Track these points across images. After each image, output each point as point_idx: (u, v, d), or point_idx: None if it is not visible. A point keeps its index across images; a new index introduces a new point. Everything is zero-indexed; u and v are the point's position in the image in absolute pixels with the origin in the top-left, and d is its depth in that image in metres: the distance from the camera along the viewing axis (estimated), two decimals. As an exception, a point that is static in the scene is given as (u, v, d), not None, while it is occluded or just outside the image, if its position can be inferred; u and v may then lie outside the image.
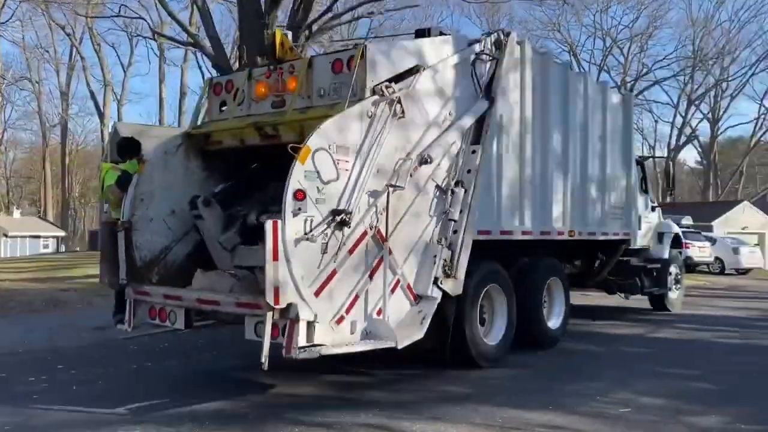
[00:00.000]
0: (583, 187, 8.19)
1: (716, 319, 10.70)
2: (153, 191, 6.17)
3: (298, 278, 4.64)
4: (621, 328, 9.44)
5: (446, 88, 6.11)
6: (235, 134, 6.26)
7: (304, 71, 5.84)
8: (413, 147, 5.65)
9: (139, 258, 6.03)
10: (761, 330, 9.68)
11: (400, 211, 5.47)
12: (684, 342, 8.52)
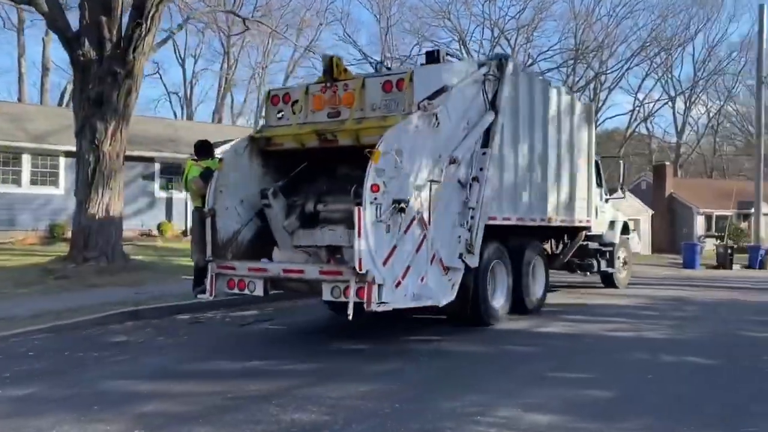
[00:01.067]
0: (558, 181, 9.79)
1: (603, 310, 10.06)
2: (228, 184, 7.37)
3: (373, 251, 5.95)
4: (504, 321, 8.57)
5: (465, 103, 7.57)
6: (296, 138, 7.50)
7: (359, 89, 7.23)
8: (445, 150, 7.05)
9: (219, 239, 7.22)
10: (650, 321, 9.09)
11: (435, 201, 6.76)
12: (573, 337, 7.69)
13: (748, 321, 9.32)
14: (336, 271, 6.40)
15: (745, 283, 15.96)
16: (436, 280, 6.77)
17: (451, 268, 7.00)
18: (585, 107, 11.10)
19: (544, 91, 9.38)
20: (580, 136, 10.61)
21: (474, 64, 8.19)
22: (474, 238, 7.24)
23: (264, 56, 52.73)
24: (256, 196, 7.57)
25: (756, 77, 23.87)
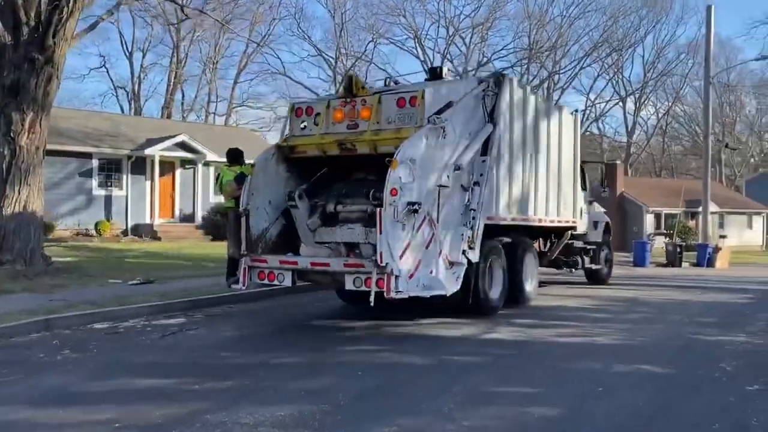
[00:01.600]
0: (547, 184, 10.58)
1: (554, 312, 9.62)
2: (258, 187, 8.14)
3: (391, 247, 6.76)
4: (451, 327, 8.01)
5: (467, 116, 8.38)
6: (319, 147, 8.30)
7: (376, 104, 7.98)
8: (451, 158, 7.84)
9: (251, 236, 7.96)
10: (602, 325, 8.68)
11: (443, 203, 7.52)
12: (520, 345, 7.21)
13: (699, 323, 9.01)
14: (359, 264, 7.23)
15: (695, 282, 15.89)
16: (443, 273, 7.55)
17: (456, 262, 7.76)
18: (571, 117, 12.03)
19: (536, 103, 10.31)
20: (567, 143, 11.49)
21: (474, 81, 9.12)
22: (475, 236, 8.01)
23: (215, 51, 51.33)
24: (282, 198, 8.43)
25: (704, 77, 24.13)
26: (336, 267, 7.49)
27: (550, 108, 11.04)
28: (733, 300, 12.02)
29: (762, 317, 9.68)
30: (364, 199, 7.95)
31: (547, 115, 10.64)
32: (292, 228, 8.40)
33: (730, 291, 13.72)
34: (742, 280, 17.33)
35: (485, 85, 8.85)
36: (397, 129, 7.84)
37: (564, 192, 11.26)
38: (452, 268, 7.68)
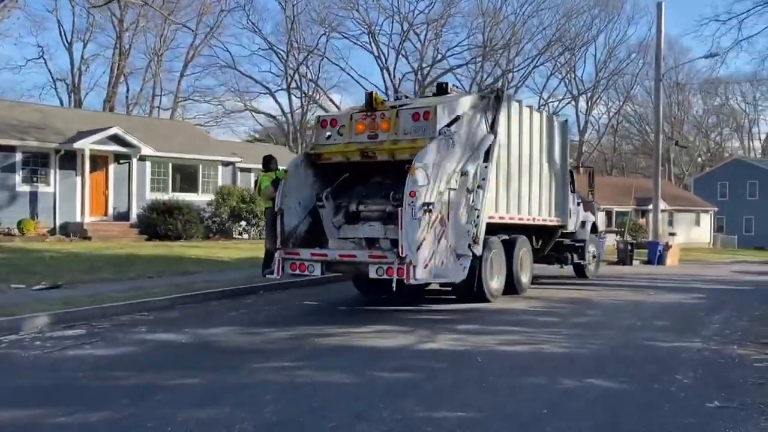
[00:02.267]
0: (540, 187, 11.77)
1: (499, 317, 8.91)
2: (290, 190, 9.27)
3: (410, 240, 7.92)
4: (387, 336, 7.22)
5: (472, 128, 9.47)
6: (343, 154, 9.46)
7: (393, 118, 9.19)
8: (458, 164, 8.92)
9: (285, 232, 9.11)
10: (549, 330, 8.01)
11: (452, 203, 8.68)
12: (459, 357, 6.42)
13: (653, 327, 8.44)
14: (382, 255, 8.36)
15: (647, 281, 15.54)
16: (452, 264, 8.71)
17: (462, 255, 8.88)
18: (560, 127, 13.17)
19: (530, 115, 11.48)
20: (557, 150, 12.78)
21: (477, 97, 10.14)
22: (478, 232, 9.13)
23: (160, 42, 49.35)
24: (310, 199, 9.47)
25: (654, 73, 24.02)
26: (362, 258, 8.65)
27: (543, 119, 12.19)
28: (685, 300, 11.59)
29: (716, 319, 9.18)
30: (382, 200, 9.18)
31: (540, 125, 11.88)
32: (319, 225, 9.53)
33: (682, 291, 13.34)
34: (692, 278, 17.09)
35: (487, 100, 10.09)
36: (412, 139, 9.04)
37: (555, 194, 12.54)
38: (459, 260, 8.87)
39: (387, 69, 54.08)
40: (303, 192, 9.45)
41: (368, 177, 9.72)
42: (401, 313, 9.10)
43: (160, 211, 21.80)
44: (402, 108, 9.44)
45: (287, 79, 54.23)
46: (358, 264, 8.72)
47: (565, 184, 13.12)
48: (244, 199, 23.57)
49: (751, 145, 70.77)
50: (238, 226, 24.43)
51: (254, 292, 10.92)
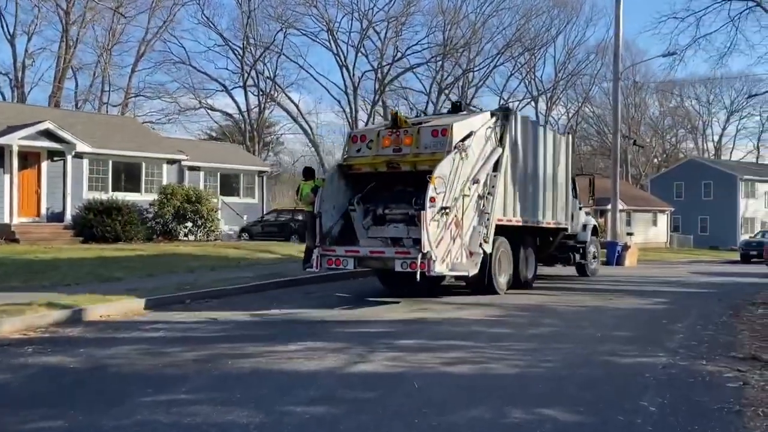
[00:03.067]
0: (545, 193, 13.02)
1: (447, 328, 8.08)
2: (327, 196, 10.68)
3: (431, 238, 9.19)
4: (315, 356, 6.23)
5: (483, 142, 10.84)
6: (371, 165, 10.92)
7: (415, 134, 10.61)
8: (471, 174, 10.31)
9: (323, 232, 10.43)
10: (500, 344, 7.16)
11: (465, 207, 10.05)
12: (394, 380, 5.46)
13: (614, 339, 7.69)
14: (406, 251, 9.70)
15: (606, 283, 14.96)
16: (465, 260, 9.90)
17: (474, 252, 10.06)
18: (564, 139, 14.59)
19: (535, 130, 12.89)
20: (561, 160, 14.10)
21: (488, 115, 11.44)
22: (489, 233, 10.43)
23: (109, 36, 47.33)
24: (343, 204, 10.83)
25: (613, 70, 23.64)
26: (389, 254, 10.00)
27: (546, 132, 13.60)
28: (647, 306, 10.94)
29: (680, 328, 8.50)
30: (406, 205, 10.55)
31: (544, 138, 13.25)
32: (350, 226, 10.86)
33: (643, 294, 12.74)
34: (652, 280, 16.61)
35: (496, 118, 11.41)
36: (432, 153, 10.34)
37: (558, 199, 13.87)
38: (472, 256, 10.06)
39: (346, 67, 53.10)
40: (337, 198, 10.90)
41: (393, 185, 11.16)
42: (340, 326, 8.15)
43: (97, 211, 20.38)
44: (423, 125, 10.90)
45: (243, 76, 52.74)
46: (386, 259, 10.17)
47: (568, 190, 14.63)
48: (189, 198, 22.28)
49: (705, 147, 72.17)
50: (183, 228, 23.10)
51: (181, 302, 9.84)
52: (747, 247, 30.42)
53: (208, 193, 24.48)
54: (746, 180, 49.53)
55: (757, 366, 6.30)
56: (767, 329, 8.55)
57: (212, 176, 28.21)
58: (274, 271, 13.62)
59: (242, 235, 25.62)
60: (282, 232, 24.18)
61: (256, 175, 29.74)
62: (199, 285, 11.07)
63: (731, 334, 8.15)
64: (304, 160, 65.74)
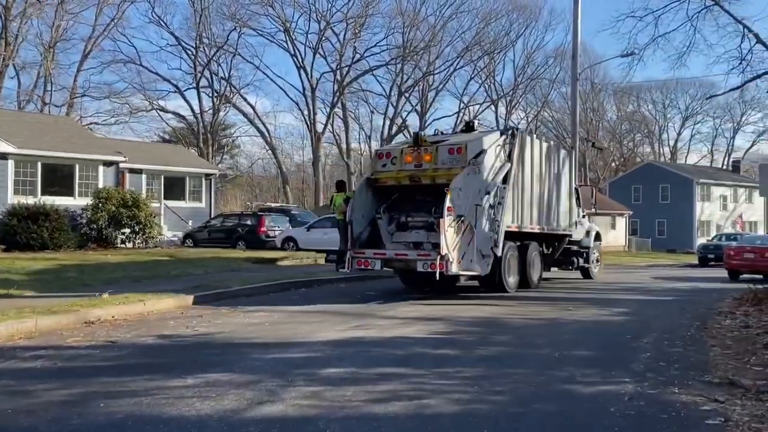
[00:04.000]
0: (550, 203, 14.45)
1: (381, 349, 6.94)
2: (356, 205, 12.27)
3: (448, 242, 10.62)
4: (213, 393, 5.06)
5: (493, 158, 12.21)
6: (395, 179, 12.44)
7: (434, 152, 12.09)
8: (483, 187, 11.65)
9: (353, 237, 12.00)
10: (442, 370, 6.10)
11: (478, 215, 11.35)
12: (303, 428, 4.47)
13: (573, 360, 6.73)
14: (427, 254, 11.24)
15: (565, 291, 14.16)
16: (478, 261, 11.34)
17: (486, 255, 11.52)
18: (567, 153, 15.91)
19: (540, 146, 13.95)
20: (564, 172, 15.30)
21: (497, 134, 12.68)
22: (499, 238, 11.71)
23: (53, 33, 45.05)
24: (370, 212, 12.46)
25: (571, 70, 23.06)
26: (412, 256, 11.36)
27: (551, 147, 14.80)
28: (608, 317, 10.08)
29: (645, 345, 7.61)
30: (426, 214, 11.88)
31: (548, 152, 14.39)
32: (377, 232, 12.30)
33: (604, 303, 11.91)
34: (612, 287, 15.91)
35: (505, 136, 12.70)
36: (449, 168, 11.70)
37: (562, 208, 15.05)
38: (484, 259, 11.42)
39: (304, 68, 51.85)
40: (365, 207, 12.40)
41: (414, 196, 12.49)
42: (259, 350, 6.99)
43: (22, 217, 18.77)
44: (440, 144, 12.25)
45: (196, 76, 50.96)
46: (409, 261, 11.53)
47: (572, 199, 15.73)
48: (125, 203, 20.74)
49: (661, 151, 73.16)
50: (120, 234, 21.54)
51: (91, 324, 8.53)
52: (705, 251, 30.28)
53: (147, 197, 22.98)
54: (702, 183, 50.03)
55: (737, 394, 5.41)
56: (739, 344, 7.75)
57: (155, 179, 26.66)
58: (205, 282, 12.35)
59: (186, 241, 24.15)
60: (229, 239, 22.80)
61: (204, 178, 28.28)
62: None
63: (702, 352, 7.30)
64: (262, 162, 64.26)
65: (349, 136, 55.98)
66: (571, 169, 15.82)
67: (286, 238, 21.31)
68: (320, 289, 13.31)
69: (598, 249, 17.87)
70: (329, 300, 11.48)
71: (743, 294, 13.38)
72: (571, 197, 15.62)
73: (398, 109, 55.70)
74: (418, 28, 52.66)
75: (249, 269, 15.55)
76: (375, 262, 11.72)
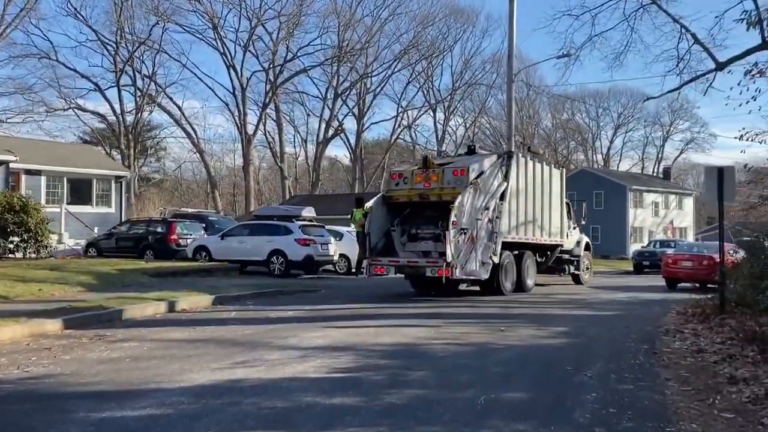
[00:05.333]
0: (543, 217, 16.45)
1: (250, 403, 5.35)
2: (373, 219, 14.14)
3: (453, 251, 12.66)
4: None
5: (492, 178, 14.32)
6: (407, 196, 14.39)
7: (441, 173, 14.06)
8: (483, 203, 13.73)
9: (371, 247, 13.91)
10: (344, 427, 4.65)
11: (478, 228, 13.37)
12: None
13: (501, 406, 5.29)
14: (435, 261, 13.24)
15: (498, 305, 12.89)
16: (479, 267, 13.45)
17: (486, 262, 13.65)
18: (558, 172, 17.60)
19: (533, 166, 16.10)
20: (555, 189, 17.04)
21: (495, 156, 15.26)
22: (497, 248, 13.97)
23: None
24: (385, 225, 14.48)
25: (507, 70, 22.06)
26: (422, 263, 13.55)
27: (544, 167, 16.59)
28: (544, 340, 8.74)
29: (589, 381, 6.27)
30: (433, 226, 14.07)
31: (541, 172, 16.30)
32: (390, 242, 14.45)
33: (539, 321, 10.66)
34: (548, 299, 14.81)
35: (502, 159, 14.97)
36: (453, 187, 13.73)
37: (554, 221, 16.80)
38: (484, 265, 13.62)
39: (234, 67, 49.46)
40: (381, 221, 14.18)
41: (423, 211, 14.28)
42: (91, 404, 5.22)
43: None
44: (446, 166, 14.13)
45: (117, 73, 47.79)
46: (419, 267, 13.43)
47: (563, 213, 17.58)
48: (11, 207, 18.20)
49: (595, 158, 74.26)
50: (9, 243, 18.96)
51: None
52: (640, 257, 29.99)
53: (45, 202, 20.47)
54: (635, 190, 50.54)
55: (713, 460, 4.08)
56: (698, 377, 6.53)
57: (57, 181, 24.08)
58: (83, 300, 10.37)
59: (89, 250, 21.70)
60: (136, 247, 20.52)
61: (113, 180, 25.83)
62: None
63: (657, 389, 6.02)
64: (192, 165, 61.25)
65: (283, 139, 54.00)
66: (561, 186, 17.63)
67: (198, 247, 19.21)
68: (223, 308, 11.54)
69: (588, 258, 19.81)
70: (226, 323, 9.74)
71: (686, 307, 12.46)
72: (562, 211, 17.46)
73: (335, 112, 54.11)
74: (354, 29, 51.29)
75: (143, 285, 13.55)
76: (389, 269, 13.80)
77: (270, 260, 18.10)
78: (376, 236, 14.03)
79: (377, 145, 63.99)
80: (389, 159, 59.22)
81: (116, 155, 48.20)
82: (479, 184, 13.55)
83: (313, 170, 55.66)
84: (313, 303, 12.51)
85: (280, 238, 18.11)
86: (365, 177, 59.28)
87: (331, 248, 18.91)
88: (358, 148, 57.44)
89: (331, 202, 37.40)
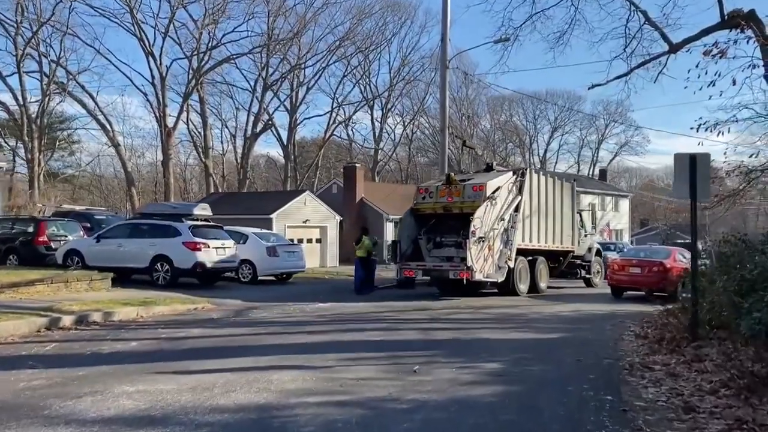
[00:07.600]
0: (554, 226, 18.70)
1: None
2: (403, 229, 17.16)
3: (473, 257, 15.00)
4: None
5: (507, 193, 16.61)
6: (432, 209, 16.76)
7: (462, 189, 16.37)
8: (499, 214, 16.05)
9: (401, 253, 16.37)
10: None
11: (495, 237, 15.79)
12: None
13: None
14: (457, 265, 15.31)
15: (424, 323, 10.48)
16: (495, 271, 15.60)
17: (501, 267, 15.79)
18: (569, 185, 20.25)
19: (546, 180, 18.64)
20: (566, 200, 19.64)
21: (510, 173, 17.64)
22: (511, 254, 16.09)
23: None
24: (413, 234, 16.76)
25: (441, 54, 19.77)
26: (445, 267, 15.64)
27: (555, 181, 19.34)
28: (476, 388, 6.18)
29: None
30: (456, 235, 16.07)
31: (553, 185, 19.04)
32: (418, 249, 16.56)
33: (468, 352, 8.20)
34: (479, 316, 12.47)
35: (517, 175, 17.53)
36: (472, 201, 15.90)
37: (565, 229, 19.34)
38: (500, 269, 15.75)
39: (152, 54, 45.44)
40: (409, 230, 16.90)
41: (447, 222, 16.71)
42: None
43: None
44: (467, 183, 16.63)
45: (18, 56, 43.03)
46: (443, 270, 15.78)
47: (574, 221, 19.83)
48: None
49: (532, 160, 73.70)
50: None
51: None
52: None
53: None
54: (573, 192, 49.62)
55: None
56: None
57: None
58: None
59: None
60: (-3, 251, 17.00)
61: (-15, 172, 22.06)
62: None
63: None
64: (110, 159, 56.60)
65: (209, 133, 50.25)
66: (572, 197, 20.04)
67: (69, 251, 15.84)
68: (45, 336, 8.57)
69: (599, 262, 21.86)
70: (22, 362, 6.84)
71: (644, 326, 10.36)
72: (573, 220, 19.82)
73: (264, 105, 50.84)
74: (286, 18, 48.21)
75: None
76: (418, 272, 15.98)
77: (153, 268, 15.06)
78: (406, 244, 16.47)
79: (314, 143, 61.06)
80: (326, 157, 56.44)
81: (17, 146, 43.42)
82: (496, 198, 15.88)
83: (240, 167, 52.19)
84: (180, 326, 9.67)
85: (164, 241, 15.12)
86: (298, 175, 56.17)
87: (230, 253, 16.00)
88: (290, 144, 54.34)
89: (255, 201, 34.22)
